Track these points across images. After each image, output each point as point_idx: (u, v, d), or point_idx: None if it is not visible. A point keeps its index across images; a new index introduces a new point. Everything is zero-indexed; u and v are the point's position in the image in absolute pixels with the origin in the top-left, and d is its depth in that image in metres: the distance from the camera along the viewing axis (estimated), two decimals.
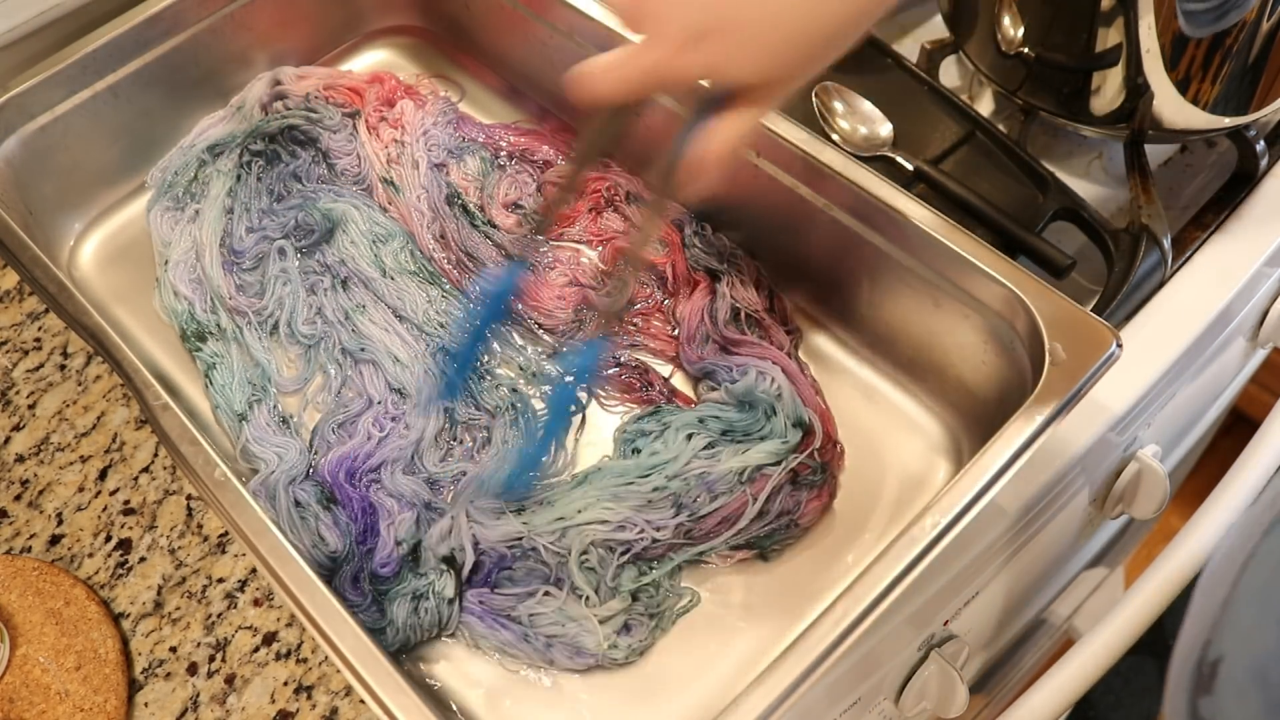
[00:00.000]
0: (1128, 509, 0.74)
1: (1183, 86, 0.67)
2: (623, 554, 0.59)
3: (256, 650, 0.53)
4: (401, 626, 0.56)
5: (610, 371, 0.67)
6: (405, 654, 0.57)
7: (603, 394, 0.67)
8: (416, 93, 0.81)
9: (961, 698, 0.63)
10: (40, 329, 0.64)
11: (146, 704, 0.52)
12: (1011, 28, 0.72)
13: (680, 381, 0.68)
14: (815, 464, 0.61)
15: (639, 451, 0.62)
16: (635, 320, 0.70)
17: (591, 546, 0.58)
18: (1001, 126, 0.76)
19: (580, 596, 0.57)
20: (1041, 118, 0.76)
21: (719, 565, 0.60)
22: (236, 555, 0.55)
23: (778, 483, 0.59)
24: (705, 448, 0.61)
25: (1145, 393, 0.65)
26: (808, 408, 0.62)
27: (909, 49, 0.82)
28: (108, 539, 0.56)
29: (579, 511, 0.59)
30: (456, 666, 0.57)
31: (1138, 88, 0.68)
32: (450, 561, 0.58)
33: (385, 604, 0.57)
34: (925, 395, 0.66)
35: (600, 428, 0.66)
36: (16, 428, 0.60)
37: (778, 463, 0.60)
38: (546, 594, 0.58)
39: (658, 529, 0.58)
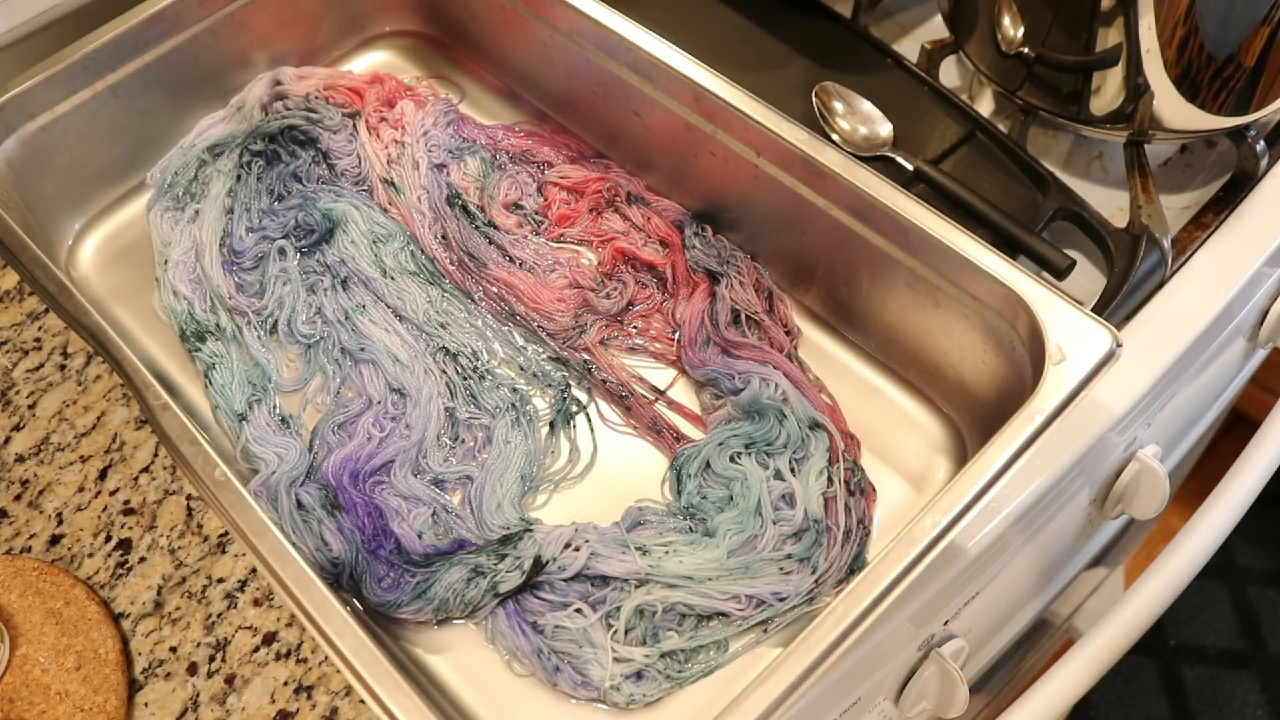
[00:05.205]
0: (1128, 509, 0.74)
1: (1182, 86, 0.67)
2: (696, 620, 0.57)
3: (256, 650, 0.53)
4: (447, 589, 0.56)
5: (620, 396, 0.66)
6: (412, 634, 0.57)
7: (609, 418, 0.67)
8: (416, 94, 0.81)
9: (961, 698, 0.63)
10: (40, 329, 0.64)
11: (146, 704, 0.52)
12: (1011, 28, 0.72)
13: (682, 386, 0.68)
14: (850, 462, 0.61)
15: (714, 501, 0.61)
16: (636, 322, 0.70)
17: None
18: (1001, 126, 0.76)
19: (610, 627, 0.56)
20: (1041, 118, 0.76)
21: None
22: (236, 555, 0.55)
23: (844, 498, 0.60)
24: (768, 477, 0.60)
25: (1145, 393, 0.65)
26: (815, 409, 0.63)
27: (909, 49, 0.82)
28: (108, 539, 0.56)
29: (709, 579, 0.57)
30: (462, 662, 0.57)
31: (1138, 88, 0.68)
32: (535, 563, 0.57)
33: (438, 566, 0.57)
34: (925, 395, 0.66)
35: (603, 430, 0.66)
36: (16, 428, 0.60)
37: (829, 480, 0.60)
38: (578, 611, 0.57)
39: (782, 598, 0.57)
